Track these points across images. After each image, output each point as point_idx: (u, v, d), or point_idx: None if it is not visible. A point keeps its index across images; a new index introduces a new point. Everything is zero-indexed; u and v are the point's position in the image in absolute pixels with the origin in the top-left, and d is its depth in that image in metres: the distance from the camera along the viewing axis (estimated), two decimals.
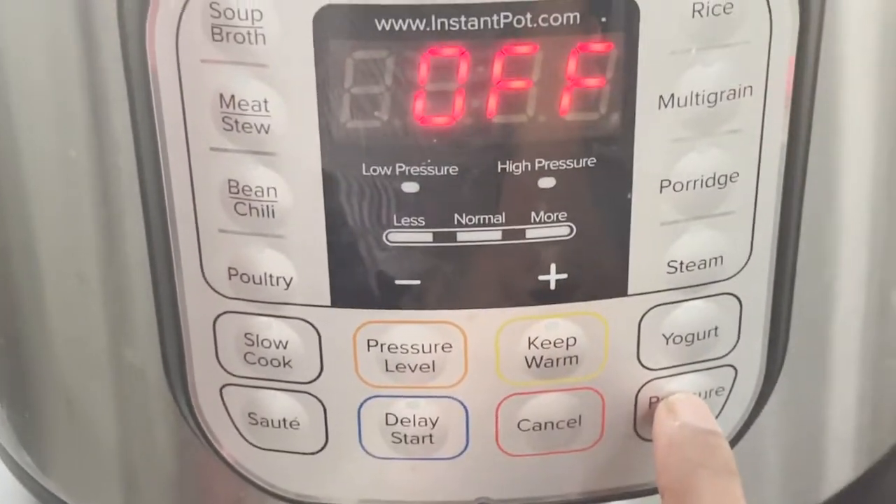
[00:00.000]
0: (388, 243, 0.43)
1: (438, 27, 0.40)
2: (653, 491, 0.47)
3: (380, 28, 0.40)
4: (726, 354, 0.47)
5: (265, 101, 0.41)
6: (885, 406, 0.54)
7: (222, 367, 0.46)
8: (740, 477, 0.44)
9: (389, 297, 0.44)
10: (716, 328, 0.46)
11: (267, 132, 0.41)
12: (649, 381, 0.46)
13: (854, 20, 0.44)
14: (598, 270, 0.44)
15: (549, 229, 0.43)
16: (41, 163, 0.47)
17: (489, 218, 0.43)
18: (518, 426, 0.46)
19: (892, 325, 0.52)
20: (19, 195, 0.48)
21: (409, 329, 0.44)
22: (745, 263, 0.45)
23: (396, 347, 0.45)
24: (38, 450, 0.55)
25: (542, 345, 0.45)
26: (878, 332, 0.51)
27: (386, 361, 0.45)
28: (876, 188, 0.48)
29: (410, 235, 0.43)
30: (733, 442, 0.48)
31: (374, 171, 0.42)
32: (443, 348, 0.45)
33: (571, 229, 0.43)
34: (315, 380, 0.46)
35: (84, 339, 0.49)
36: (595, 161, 0.42)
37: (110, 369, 0.49)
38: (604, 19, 0.40)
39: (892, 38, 0.45)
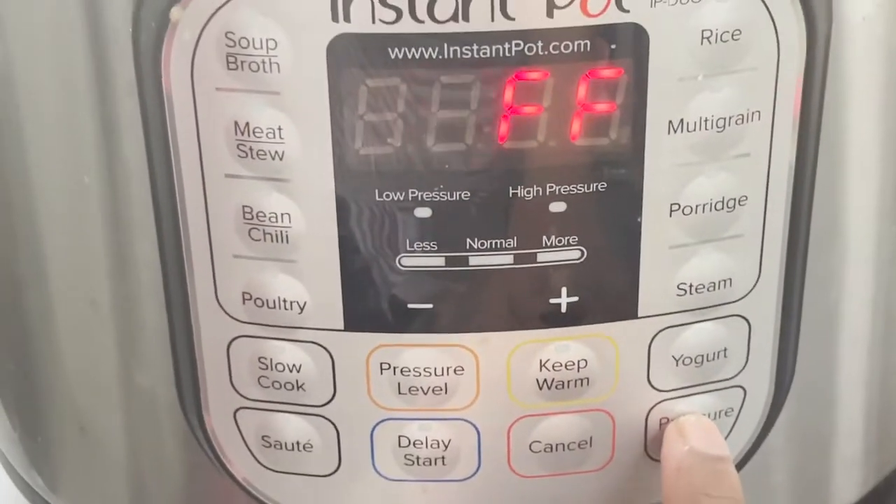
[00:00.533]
0: (401, 267, 0.43)
1: (451, 55, 0.40)
2: None
3: (393, 56, 0.40)
4: (735, 375, 0.47)
5: (279, 129, 0.41)
6: (892, 425, 0.54)
7: (236, 390, 0.46)
8: (747, 499, 0.45)
9: (402, 321, 0.44)
10: (725, 349, 0.46)
11: (281, 159, 0.42)
12: (659, 403, 0.47)
13: (860, 44, 0.44)
14: (608, 293, 0.45)
15: (560, 253, 0.43)
16: (54, 189, 0.47)
17: (501, 242, 0.43)
18: (530, 448, 0.47)
19: None
20: (32, 221, 0.48)
21: (421, 352, 0.45)
22: (754, 285, 0.46)
23: (409, 370, 0.45)
24: (50, 472, 0.56)
25: (553, 367, 0.45)
26: (883, 351, 0.52)
27: (398, 384, 0.45)
28: (882, 208, 0.48)
29: (423, 260, 0.43)
30: (742, 462, 0.49)
31: (387, 196, 0.42)
32: (455, 371, 0.45)
33: (582, 253, 0.43)
34: (328, 403, 0.46)
35: (97, 364, 0.50)
36: (605, 185, 0.42)
37: (123, 394, 0.50)
38: (613, 46, 0.41)
39: None
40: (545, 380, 0.45)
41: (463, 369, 0.45)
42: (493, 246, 0.43)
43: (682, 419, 0.47)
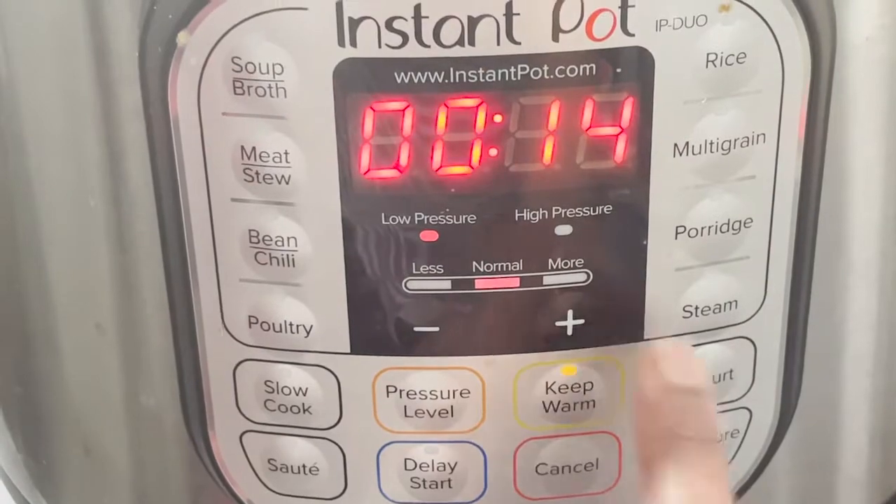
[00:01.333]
0: (407, 291, 0.43)
1: (457, 79, 0.40)
2: None
3: (399, 80, 0.40)
4: (741, 397, 0.47)
5: (286, 153, 0.42)
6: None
7: (242, 414, 0.46)
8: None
9: (408, 344, 0.44)
10: (731, 371, 0.46)
11: (287, 183, 0.42)
12: None
13: (863, 65, 0.44)
14: (614, 316, 0.45)
15: (566, 276, 0.43)
16: (58, 212, 0.47)
17: (507, 265, 0.43)
18: (536, 470, 0.47)
19: None
20: (36, 244, 0.48)
21: (427, 375, 0.45)
22: (760, 307, 0.46)
23: (415, 393, 0.45)
24: (53, 494, 0.55)
25: (559, 389, 0.45)
26: (887, 372, 0.52)
27: (405, 407, 0.45)
28: (885, 228, 0.48)
29: (429, 283, 0.43)
30: (747, 484, 0.49)
31: (393, 220, 0.42)
32: (461, 394, 0.45)
33: (588, 276, 0.43)
34: (334, 426, 0.46)
35: (102, 388, 0.50)
36: (611, 208, 0.42)
37: (129, 417, 0.50)
38: (619, 70, 0.41)
39: None
40: (551, 402, 0.45)
41: (469, 392, 0.45)
42: (500, 269, 0.43)
43: (657, 349, 0.45)
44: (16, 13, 0.44)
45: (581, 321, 0.44)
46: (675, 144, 0.42)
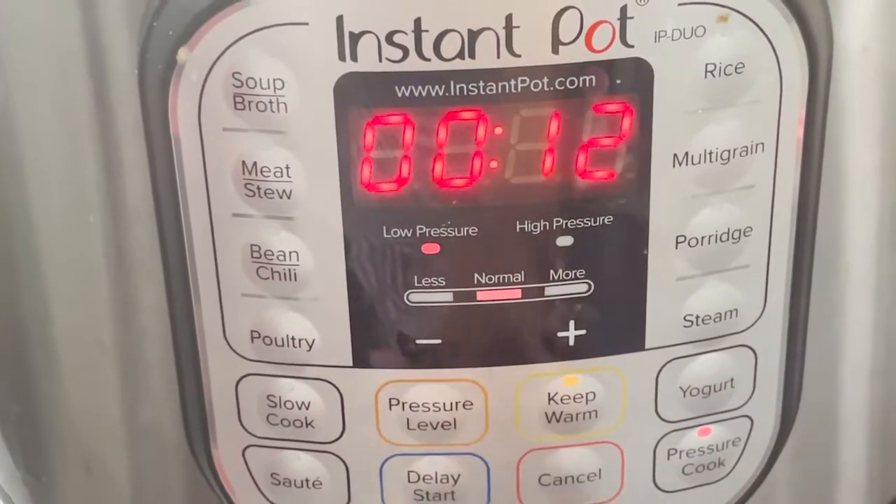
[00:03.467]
0: (409, 304, 0.43)
1: (457, 92, 0.40)
2: None
3: (399, 94, 0.40)
4: (742, 405, 0.47)
5: (287, 168, 0.42)
6: (895, 452, 0.54)
7: (245, 429, 0.46)
8: None
9: (410, 357, 0.44)
10: (732, 380, 0.46)
11: (289, 197, 0.42)
12: (667, 434, 0.47)
13: (859, 74, 0.45)
14: (615, 326, 0.45)
15: (568, 287, 0.43)
16: (57, 229, 0.47)
17: (508, 277, 0.43)
18: (539, 481, 0.47)
19: None
20: (35, 261, 0.48)
21: (430, 387, 0.45)
22: (760, 315, 0.46)
23: (418, 406, 0.45)
24: None
25: (561, 400, 0.45)
26: (886, 378, 0.52)
27: (408, 420, 0.45)
28: (881, 235, 0.49)
29: (431, 296, 0.43)
30: (749, 492, 0.49)
31: (395, 233, 0.42)
32: (464, 406, 0.45)
33: (590, 286, 0.44)
34: (337, 439, 0.46)
35: (103, 404, 0.49)
36: (612, 219, 0.43)
37: (130, 434, 0.49)
38: (618, 81, 0.41)
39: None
40: (553, 413, 0.46)
41: (472, 404, 0.45)
42: (501, 280, 0.43)
43: None
44: (11, 31, 0.44)
45: (583, 331, 0.44)
46: (675, 155, 0.42)
